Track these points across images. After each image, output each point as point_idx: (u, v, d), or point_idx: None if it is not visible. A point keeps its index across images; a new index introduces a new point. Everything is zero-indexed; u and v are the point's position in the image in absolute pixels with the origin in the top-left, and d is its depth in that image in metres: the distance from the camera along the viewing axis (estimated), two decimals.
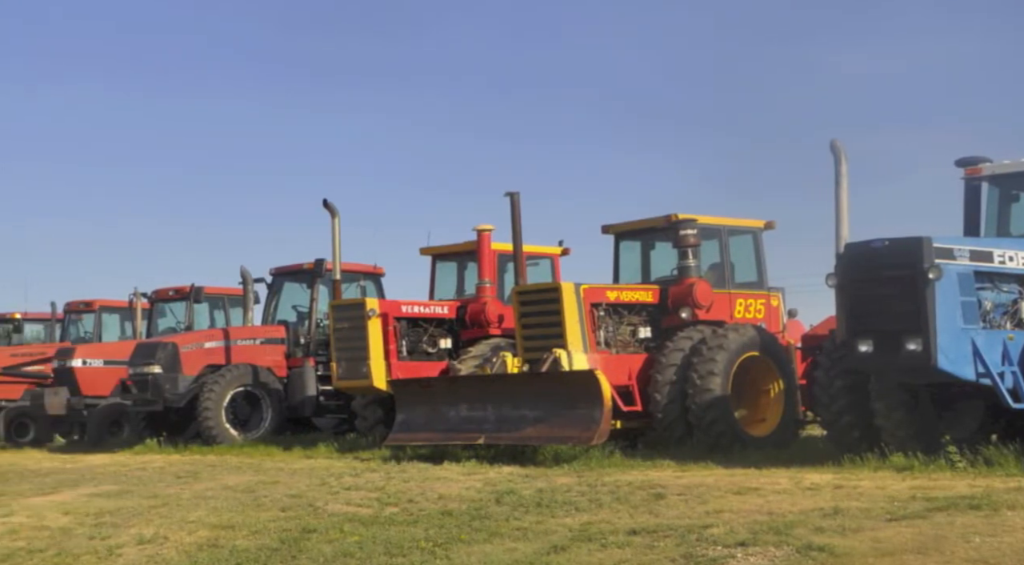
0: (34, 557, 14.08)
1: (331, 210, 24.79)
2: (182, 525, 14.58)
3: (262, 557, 12.59)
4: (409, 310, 23.99)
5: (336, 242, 24.91)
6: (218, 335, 27.31)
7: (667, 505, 13.50)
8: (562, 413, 18.44)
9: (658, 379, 19.92)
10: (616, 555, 11.30)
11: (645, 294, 21.31)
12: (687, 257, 21.01)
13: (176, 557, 13.17)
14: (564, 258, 26.25)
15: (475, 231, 24.33)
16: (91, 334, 35.99)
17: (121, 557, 13.54)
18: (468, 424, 19.62)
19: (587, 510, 13.51)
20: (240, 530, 13.94)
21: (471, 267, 25.34)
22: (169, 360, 26.05)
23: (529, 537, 12.33)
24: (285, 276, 28.46)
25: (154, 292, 32.11)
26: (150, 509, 15.90)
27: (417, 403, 20.57)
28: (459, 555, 11.84)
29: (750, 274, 22.42)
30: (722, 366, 19.63)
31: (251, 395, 25.94)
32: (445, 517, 13.65)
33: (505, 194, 21.72)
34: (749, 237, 22.48)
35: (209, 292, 31.02)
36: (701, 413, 19.43)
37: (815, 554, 10.60)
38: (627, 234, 22.66)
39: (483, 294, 24.19)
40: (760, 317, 21.99)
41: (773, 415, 20.63)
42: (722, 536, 11.52)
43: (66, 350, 30.60)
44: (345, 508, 14.80)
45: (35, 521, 16.00)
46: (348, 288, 26.77)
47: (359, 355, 22.93)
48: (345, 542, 12.77)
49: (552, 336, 19.82)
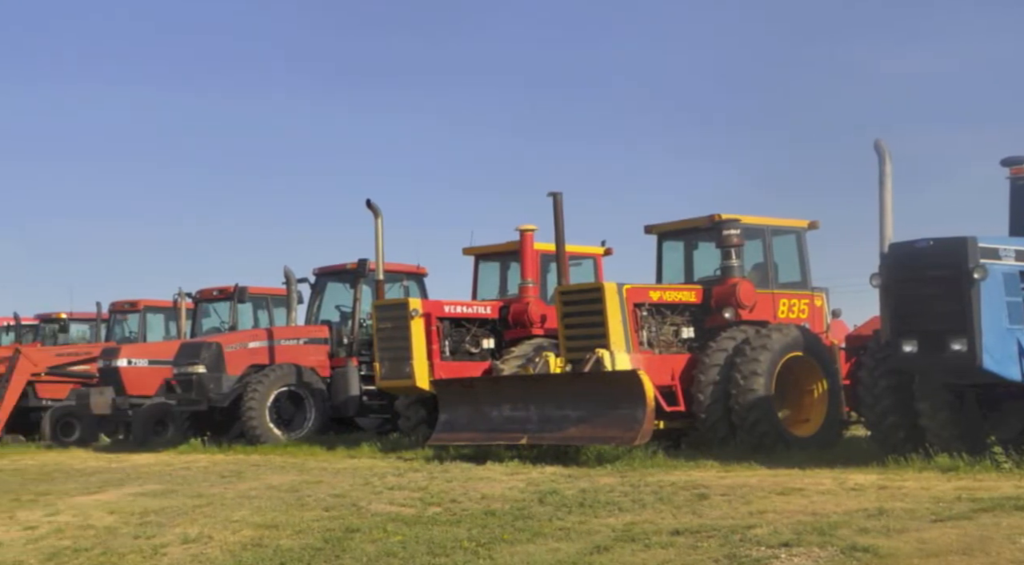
0: (79, 556, 14.17)
1: (374, 210, 24.83)
2: (226, 524, 14.64)
3: (306, 556, 12.64)
4: (452, 310, 24.00)
5: (379, 242, 24.94)
6: (262, 335, 27.38)
7: (710, 505, 13.47)
8: (605, 413, 18.41)
9: (701, 379, 19.88)
10: (659, 555, 11.29)
11: (688, 294, 21.27)
12: (730, 257, 20.96)
13: (220, 556, 13.22)
14: (607, 258, 26.21)
15: (518, 231, 24.31)
16: (136, 334, 36.16)
17: (166, 556, 13.61)
18: (511, 424, 19.62)
19: (630, 510, 13.50)
20: (284, 529, 13.99)
21: (514, 267, 25.33)
22: (213, 360, 26.13)
23: (572, 537, 12.33)
24: (328, 276, 28.51)
25: (198, 292, 32.21)
26: (194, 508, 15.97)
27: (460, 403, 20.58)
28: (502, 555, 11.85)
29: (794, 274, 22.34)
30: (766, 366, 19.58)
31: (295, 395, 25.98)
32: (488, 517, 13.66)
33: (548, 194, 21.74)
34: (793, 237, 22.40)
35: (253, 292, 31.08)
36: (744, 413, 19.39)
37: (859, 555, 10.56)
38: (670, 234, 22.61)
39: (526, 294, 24.17)
40: (804, 317, 21.91)
41: (817, 415, 20.55)
42: (766, 537, 11.49)
43: (111, 350, 30.74)
44: (388, 508, 14.83)
45: (81, 520, 16.10)
46: (391, 288, 26.77)
47: (402, 355, 22.96)
48: (388, 542, 12.80)
49: (595, 336, 19.80)
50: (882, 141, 17.49)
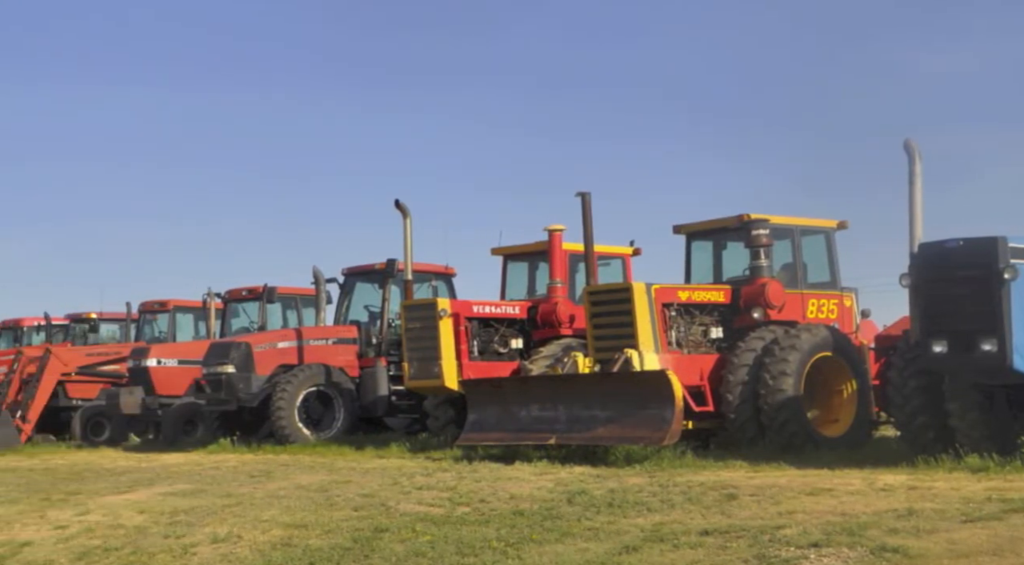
0: (110, 555, 14.23)
1: (403, 210, 24.84)
2: (256, 524, 14.68)
3: (335, 556, 12.67)
4: (480, 310, 24.02)
5: (408, 242, 24.95)
6: (291, 335, 27.42)
7: (739, 506, 13.46)
8: (633, 413, 18.40)
9: (730, 379, 19.86)
10: (688, 556, 11.29)
11: (717, 294, 21.25)
12: (759, 257, 20.94)
13: (250, 556, 13.26)
14: (635, 258, 26.17)
15: (546, 231, 24.31)
16: (165, 334, 36.26)
17: (195, 556, 13.65)
18: (539, 424, 19.62)
19: (659, 510, 13.49)
20: (313, 529, 14.02)
21: (542, 267, 25.33)
22: (242, 360, 26.18)
23: (601, 537, 12.34)
24: (357, 276, 28.54)
25: (228, 292, 32.27)
26: (224, 508, 16.02)
27: (488, 403, 20.59)
28: (531, 555, 11.86)
29: (823, 274, 22.29)
30: (794, 366, 19.54)
31: (324, 395, 26.02)
32: (517, 517, 13.67)
33: (576, 194, 21.71)
34: (822, 237, 22.36)
35: (282, 292, 31.14)
36: (773, 413, 19.36)
37: (889, 555, 10.54)
38: (699, 234, 22.59)
39: (554, 294, 24.17)
40: (833, 317, 21.86)
41: (846, 416, 20.51)
42: (795, 537, 11.48)
43: (141, 350, 30.84)
44: (417, 508, 14.85)
45: (111, 520, 16.16)
46: (420, 288, 26.81)
47: (431, 355, 22.98)
48: (417, 542, 12.82)
49: (623, 336, 19.79)
50: (912, 140, 17.44)
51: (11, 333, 42.73)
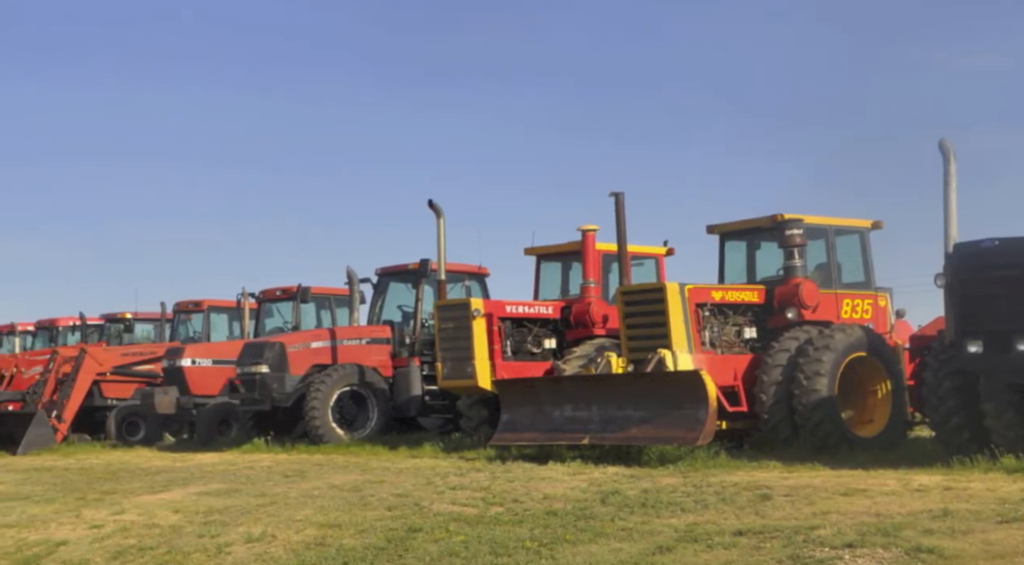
0: (145, 555, 14.29)
1: (436, 210, 24.86)
2: (290, 524, 14.71)
3: (369, 556, 12.69)
4: (514, 310, 24.00)
5: (441, 242, 24.98)
6: (325, 335, 27.45)
7: (773, 506, 13.43)
8: (667, 413, 18.39)
9: (764, 379, 19.81)
10: (722, 556, 11.27)
11: (751, 294, 21.20)
12: (793, 257, 20.88)
13: (284, 555, 13.29)
14: (669, 258, 26.13)
15: (580, 231, 24.30)
16: (200, 334, 36.35)
17: (230, 555, 13.70)
18: (573, 424, 19.61)
19: (693, 511, 13.48)
20: (347, 529, 14.04)
21: (575, 267, 25.30)
22: (276, 360, 26.22)
23: (634, 537, 12.33)
24: (391, 276, 28.55)
25: (261, 292, 32.34)
26: (258, 508, 16.06)
27: (522, 403, 20.59)
28: (564, 555, 11.86)
29: (857, 274, 22.22)
30: (829, 367, 19.48)
31: (357, 395, 26.04)
32: (550, 517, 13.67)
33: (610, 194, 21.70)
34: (856, 237, 22.29)
35: (316, 292, 31.17)
36: (808, 414, 19.29)
37: (924, 556, 10.51)
38: (732, 234, 22.54)
39: (588, 294, 24.15)
40: (867, 317, 21.78)
41: (881, 416, 20.43)
42: (829, 537, 11.45)
43: (175, 350, 30.94)
44: (450, 507, 14.86)
45: (146, 519, 16.22)
46: (453, 288, 26.82)
47: (464, 355, 22.98)
48: (451, 541, 12.83)
49: (657, 336, 19.77)
50: (947, 140, 17.39)
51: (47, 333, 42.99)
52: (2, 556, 15.65)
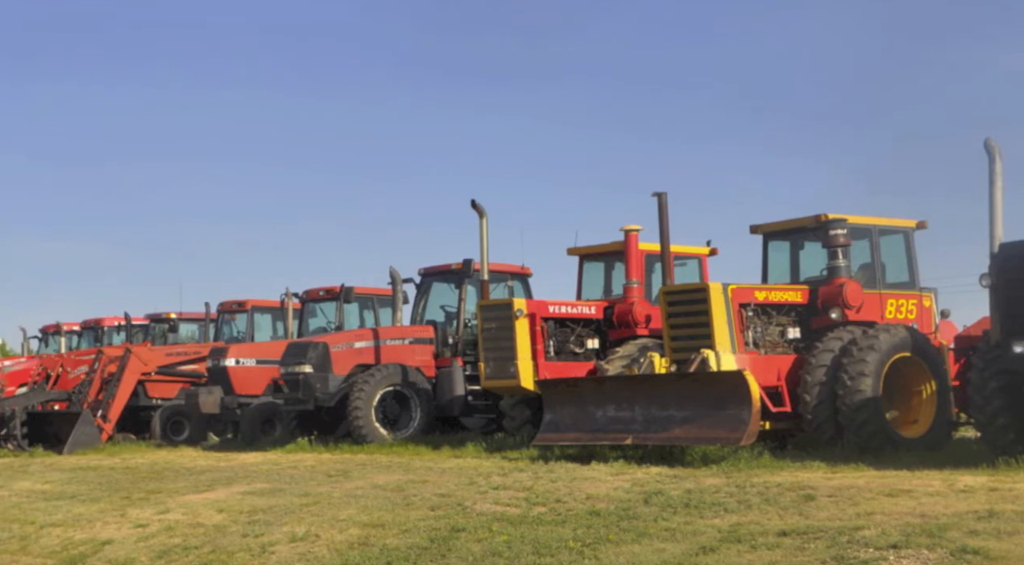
0: (189, 554, 14.36)
1: (479, 210, 24.87)
2: (333, 523, 14.75)
3: (412, 555, 12.71)
4: (556, 310, 23.99)
5: (484, 242, 24.98)
6: (368, 335, 27.49)
7: (817, 506, 13.39)
8: (710, 414, 18.34)
9: (808, 380, 19.74)
10: (766, 557, 11.24)
11: (794, 294, 21.14)
12: (837, 257, 20.81)
13: (328, 555, 13.33)
14: (712, 258, 26.08)
15: (623, 231, 24.28)
16: (244, 334, 36.49)
17: (274, 555, 13.75)
18: (616, 424, 19.59)
19: (736, 511, 13.45)
20: (390, 529, 14.07)
21: (618, 267, 25.28)
22: (320, 360, 26.27)
23: (677, 538, 12.31)
24: (433, 276, 28.59)
25: (305, 292, 32.43)
26: (302, 507, 16.10)
27: (565, 403, 20.57)
28: (607, 555, 11.86)
29: (901, 274, 22.12)
30: (873, 367, 19.39)
31: (400, 395, 26.06)
32: (593, 517, 13.66)
33: (653, 194, 21.68)
34: (900, 237, 22.19)
35: (359, 292, 31.23)
36: (852, 414, 19.22)
37: (969, 557, 10.46)
38: (776, 234, 22.47)
39: (631, 294, 24.13)
40: (912, 318, 21.68)
41: (925, 416, 20.33)
42: (874, 538, 11.41)
43: (220, 350, 31.05)
44: (493, 507, 14.87)
45: (190, 518, 16.30)
46: (496, 288, 26.82)
47: (507, 355, 22.99)
48: (493, 541, 12.84)
49: (700, 336, 19.73)
50: (992, 140, 17.31)
51: (92, 333, 43.27)
52: (48, 555, 15.77)
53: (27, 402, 31.74)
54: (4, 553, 16.31)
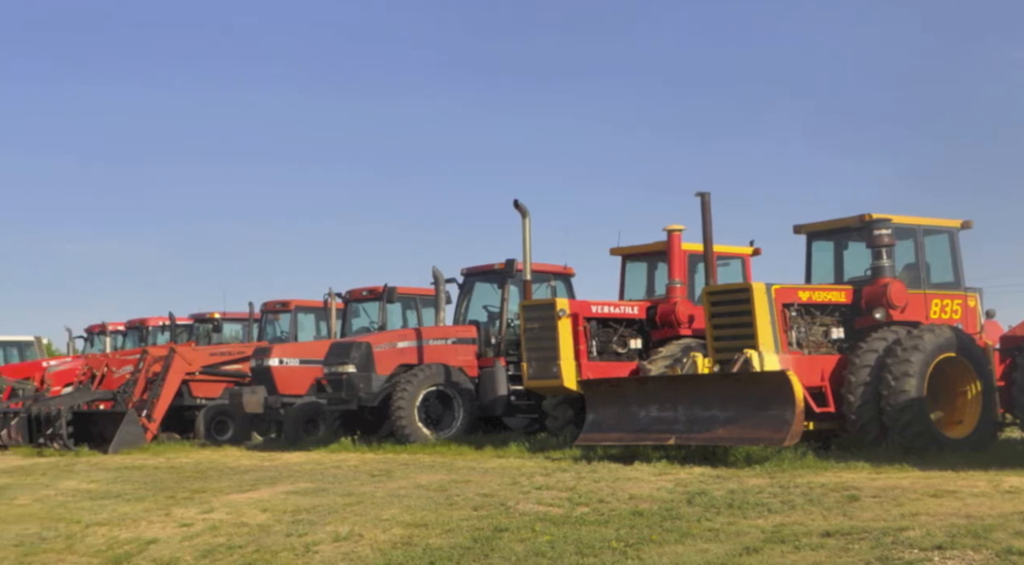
0: (233, 553, 14.41)
1: (522, 211, 24.87)
2: (376, 523, 14.78)
3: (455, 555, 12.72)
4: (599, 310, 23.99)
5: (527, 242, 24.99)
6: (411, 335, 27.51)
7: (861, 507, 13.35)
8: (753, 414, 18.30)
9: (851, 380, 19.67)
10: (809, 557, 11.21)
11: (838, 294, 21.07)
12: (881, 257, 20.73)
13: (371, 554, 13.36)
14: (755, 258, 26.04)
15: (665, 231, 24.24)
16: (287, 334, 36.59)
17: (317, 554, 13.78)
18: (658, 424, 19.57)
19: (779, 512, 13.42)
20: (433, 528, 14.09)
21: (661, 267, 25.25)
22: (363, 360, 26.31)
23: (721, 538, 12.29)
24: (476, 276, 28.61)
25: (348, 292, 32.48)
26: (345, 507, 16.14)
27: (607, 403, 20.56)
28: (650, 556, 11.84)
29: (946, 274, 22.01)
30: (917, 367, 19.30)
31: (443, 394, 26.08)
32: (636, 517, 13.65)
33: (696, 194, 21.64)
34: (945, 237, 22.08)
35: (402, 292, 31.26)
36: (896, 414, 19.14)
37: (1015, 558, 10.41)
38: (819, 234, 22.40)
39: (673, 294, 24.10)
40: (956, 318, 21.58)
41: (970, 417, 20.21)
42: (918, 539, 11.37)
43: (263, 349, 31.14)
44: (536, 507, 14.87)
45: (234, 518, 16.36)
46: (538, 288, 26.83)
47: (549, 355, 23.01)
48: (536, 541, 12.84)
49: (743, 336, 19.70)
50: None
51: (137, 333, 43.51)
52: (94, 554, 15.85)
53: (72, 402, 31.94)
54: (50, 552, 16.40)
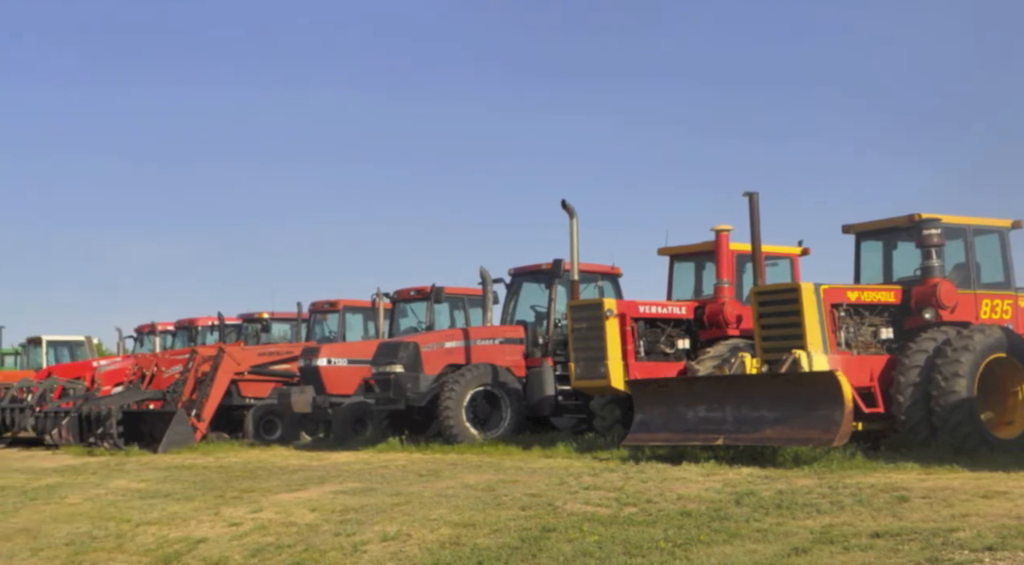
0: (282, 552, 14.47)
1: (569, 211, 24.86)
2: (424, 522, 14.80)
3: (503, 555, 12.73)
4: (647, 310, 23.95)
5: (574, 242, 24.97)
6: (458, 335, 27.54)
7: (911, 508, 13.28)
8: (802, 414, 18.23)
9: (901, 380, 19.58)
10: (859, 558, 11.17)
11: (887, 294, 20.97)
12: (931, 257, 20.63)
13: (419, 554, 13.38)
14: (804, 258, 25.95)
15: (713, 231, 24.19)
16: (335, 334, 36.69)
17: (366, 554, 13.82)
18: (706, 425, 19.53)
19: (828, 512, 13.37)
20: (481, 528, 14.10)
21: (709, 267, 25.21)
22: (411, 360, 26.35)
23: (769, 539, 12.26)
24: (524, 276, 28.61)
25: (396, 292, 32.55)
26: (393, 506, 16.17)
27: (655, 403, 20.53)
28: (699, 556, 11.82)
29: (996, 274, 21.87)
30: (967, 368, 19.19)
31: (491, 395, 26.08)
32: (684, 518, 13.63)
33: (744, 194, 21.58)
34: (995, 236, 21.94)
35: (449, 292, 31.28)
36: (946, 415, 19.03)
37: None
38: (868, 234, 22.30)
39: (721, 294, 24.05)
40: (1007, 318, 21.43)
41: (1021, 418, 20.08)
42: (969, 540, 11.30)
43: (311, 349, 31.24)
44: (584, 508, 14.87)
45: (283, 517, 16.43)
46: (586, 288, 26.81)
47: (597, 355, 22.99)
48: (584, 541, 12.84)
49: (791, 337, 19.63)
50: None
51: (186, 333, 43.76)
52: (144, 553, 15.95)
53: (122, 401, 32.11)
54: (100, 551, 16.51)
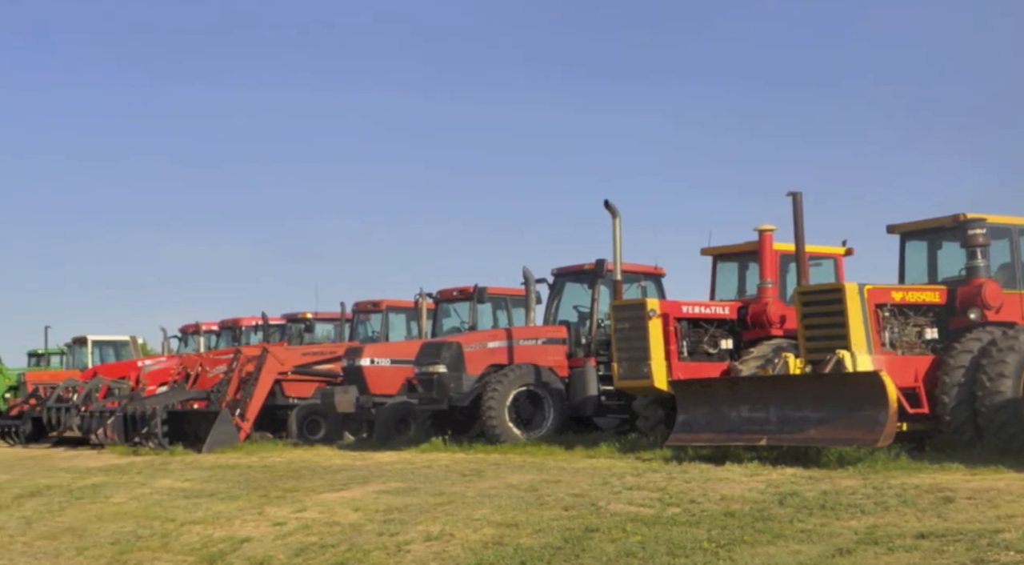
0: (326, 552, 14.52)
1: (612, 211, 24.83)
2: (468, 522, 14.83)
3: (546, 555, 12.75)
4: (690, 310, 23.92)
5: (617, 243, 24.94)
6: (501, 335, 27.53)
7: (956, 509, 13.23)
8: (846, 415, 18.17)
9: (946, 381, 19.49)
10: (903, 559, 11.13)
11: (932, 295, 20.87)
12: (976, 257, 20.51)
13: (462, 554, 13.41)
14: (848, 258, 25.83)
15: (757, 231, 24.11)
16: (378, 333, 36.74)
17: (409, 553, 13.85)
18: (750, 425, 19.49)
19: (873, 513, 13.33)
20: (524, 528, 14.12)
21: (752, 267, 25.13)
22: (454, 360, 26.37)
23: (813, 539, 12.23)
24: (566, 276, 28.58)
25: (439, 292, 32.55)
26: (436, 506, 16.20)
27: (698, 404, 20.50)
28: (742, 557, 11.81)
29: None
30: (1013, 368, 19.09)
31: (534, 395, 26.07)
32: (727, 518, 13.61)
33: (787, 194, 21.50)
34: None
35: (492, 292, 31.28)
36: (991, 416, 18.94)
37: None
38: (913, 234, 22.19)
39: (765, 294, 23.98)
40: None
41: None
42: (1014, 541, 11.25)
43: (355, 349, 31.26)
44: (627, 508, 14.86)
45: (327, 517, 16.48)
46: (629, 288, 26.76)
47: (640, 355, 22.96)
48: (627, 542, 12.84)
49: (835, 337, 19.57)
50: None
51: (230, 332, 43.93)
52: (189, 552, 16.04)
53: (167, 401, 32.26)
54: (145, 550, 16.61)
